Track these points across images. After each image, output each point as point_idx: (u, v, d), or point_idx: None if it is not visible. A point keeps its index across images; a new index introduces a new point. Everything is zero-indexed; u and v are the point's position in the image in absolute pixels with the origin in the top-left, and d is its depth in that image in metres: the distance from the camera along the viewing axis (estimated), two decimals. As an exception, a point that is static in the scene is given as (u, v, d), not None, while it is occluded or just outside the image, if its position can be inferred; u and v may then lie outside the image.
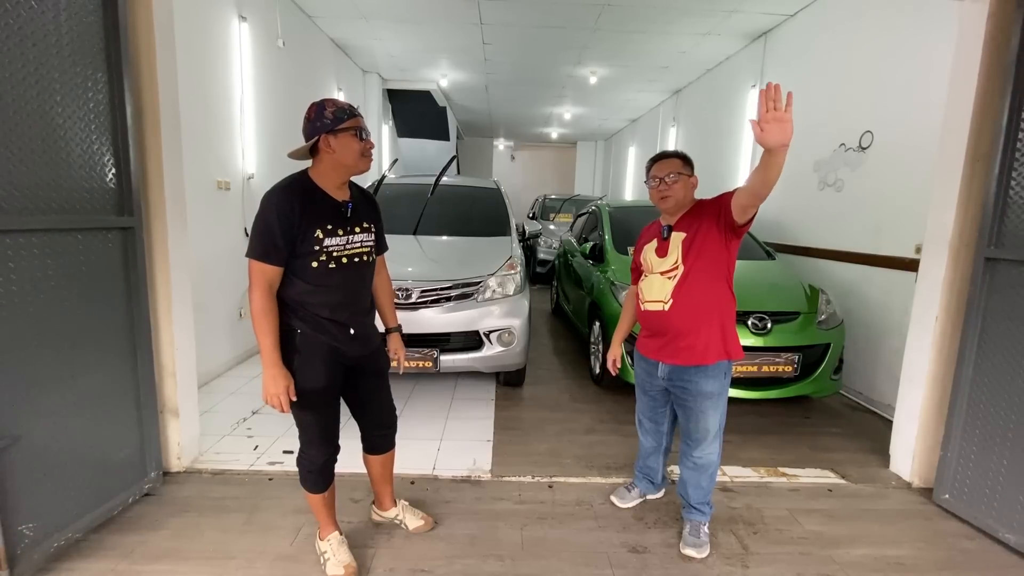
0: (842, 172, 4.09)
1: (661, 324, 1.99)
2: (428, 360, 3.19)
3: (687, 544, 2.05)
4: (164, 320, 2.40)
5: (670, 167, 1.98)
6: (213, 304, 3.80)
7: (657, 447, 2.30)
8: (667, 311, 1.96)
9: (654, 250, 2.04)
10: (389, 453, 2.05)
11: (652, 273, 2.02)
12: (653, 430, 2.27)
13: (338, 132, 1.60)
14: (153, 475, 2.33)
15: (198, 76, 3.55)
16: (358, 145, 1.62)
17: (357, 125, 1.62)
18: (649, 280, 2.03)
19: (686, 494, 2.13)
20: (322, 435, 1.78)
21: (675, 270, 1.96)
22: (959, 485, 2.37)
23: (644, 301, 2.05)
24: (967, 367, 2.34)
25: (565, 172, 15.78)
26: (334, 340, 1.70)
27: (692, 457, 2.08)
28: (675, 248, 1.97)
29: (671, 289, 1.95)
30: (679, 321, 1.95)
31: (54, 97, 1.82)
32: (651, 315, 2.02)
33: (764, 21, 5.13)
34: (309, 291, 1.64)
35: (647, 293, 2.04)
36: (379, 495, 2.14)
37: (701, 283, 1.93)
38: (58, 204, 1.85)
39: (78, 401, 1.96)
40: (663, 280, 1.98)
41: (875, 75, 3.80)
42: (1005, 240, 2.23)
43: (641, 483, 2.39)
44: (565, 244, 5.98)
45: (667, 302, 1.96)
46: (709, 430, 2.02)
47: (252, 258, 1.58)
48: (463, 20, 5.47)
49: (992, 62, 2.33)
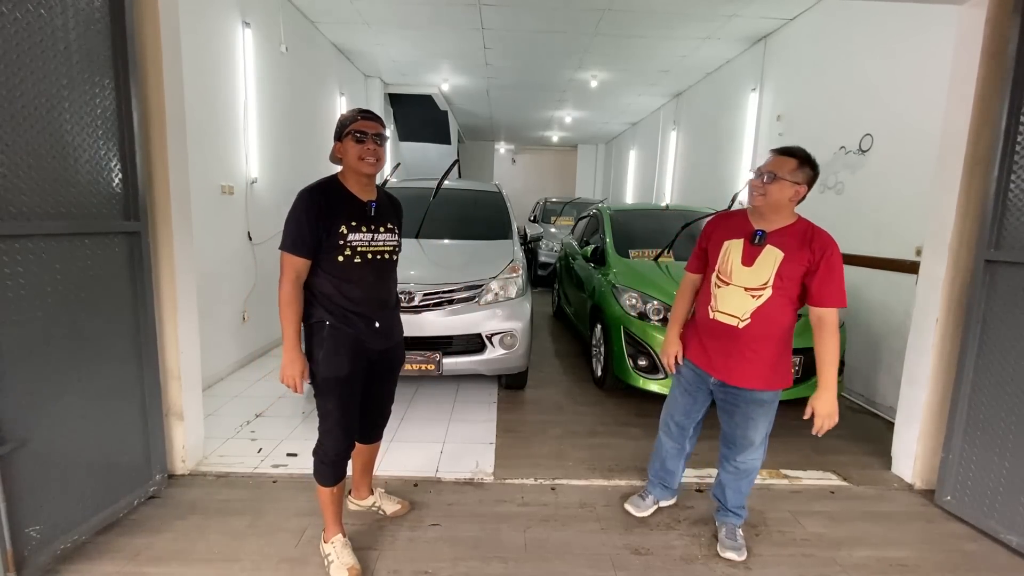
0: (843, 175, 4.11)
1: (729, 339, 1.86)
2: (431, 363, 3.21)
3: (726, 547, 2.03)
4: (169, 324, 2.42)
5: (777, 165, 1.78)
6: (217, 308, 3.82)
7: (680, 451, 2.18)
8: (741, 329, 1.83)
9: (740, 254, 1.85)
10: (378, 443, 2.18)
11: (733, 284, 1.85)
12: (679, 434, 2.14)
13: (343, 138, 1.73)
14: (158, 478, 2.34)
15: (203, 82, 3.58)
16: (355, 149, 1.72)
17: (356, 129, 1.71)
18: (729, 291, 1.86)
19: (723, 497, 2.10)
20: (341, 426, 1.84)
21: (763, 290, 1.80)
22: (961, 487, 2.37)
23: (716, 310, 1.89)
24: (968, 369, 2.35)
25: (566, 175, 15.81)
26: (359, 332, 1.80)
27: (735, 462, 2.00)
28: (769, 266, 1.80)
29: (753, 309, 1.81)
30: (752, 343, 1.83)
31: (62, 103, 1.84)
32: (719, 326, 1.88)
33: (764, 25, 5.16)
34: (336, 284, 1.75)
35: (723, 303, 1.87)
36: (358, 485, 2.24)
37: (782, 308, 1.81)
38: (65, 209, 1.87)
39: (84, 405, 1.98)
40: (746, 296, 1.82)
41: (874, 78, 3.82)
42: (1004, 242, 2.24)
43: (656, 489, 2.28)
44: (566, 247, 5.99)
45: (745, 320, 1.82)
46: (756, 437, 1.95)
47: (283, 250, 1.71)
48: (464, 25, 5.51)
49: (990, 66, 2.35)
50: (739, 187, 5.66)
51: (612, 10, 4.94)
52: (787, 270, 1.78)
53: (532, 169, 16.27)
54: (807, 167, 1.78)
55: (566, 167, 15.77)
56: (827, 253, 1.77)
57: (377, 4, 5.02)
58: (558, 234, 8.52)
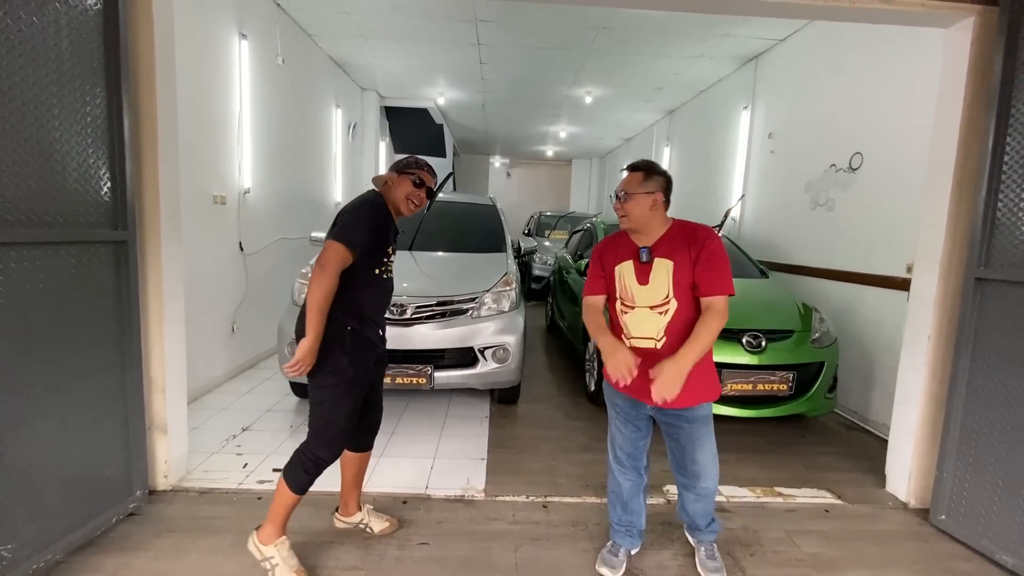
0: (833, 192, 4.15)
1: (652, 362, 1.73)
2: (422, 377, 3.16)
3: (707, 568, 1.99)
4: (155, 335, 2.38)
5: (626, 183, 1.81)
6: (206, 318, 3.77)
7: (638, 485, 2.02)
8: (660, 349, 1.78)
9: (633, 275, 1.83)
10: (369, 451, 2.18)
11: (638, 306, 1.81)
12: (632, 466, 2.00)
13: (402, 173, 1.95)
14: (139, 494, 2.28)
15: (198, 91, 3.58)
16: (409, 189, 1.93)
17: (419, 176, 1.95)
18: (636, 315, 1.82)
19: (690, 519, 2.06)
20: (344, 434, 1.90)
21: (667, 304, 1.77)
22: (955, 506, 2.36)
23: (630, 337, 1.83)
24: (960, 387, 2.35)
25: (560, 189, 15.91)
26: (374, 336, 1.97)
27: (695, 490, 1.95)
28: (663, 278, 1.78)
29: (664, 325, 1.77)
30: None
31: (52, 111, 1.81)
32: (639, 352, 1.79)
33: (755, 45, 5.25)
34: (368, 294, 1.90)
35: (634, 328, 1.83)
36: (347, 500, 2.20)
37: (692, 316, 1.77)
38: (52, 217, 1.84)
39: (64, 417, 1.92)
40: (653, 315, 1.79)
41: (864, 98, 3.89)
42: (994, 260, 2.26)
43: (624, 540, 2.06)
44: (560, 261, 6.00)
45: (660, 339, 1.78)
46: (706, 458, 1.90)
47: (338, 241, 1.77)
48: (461, 41, 5.56)
49: (977, 87, 2.39)
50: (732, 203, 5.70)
51: (607, 28, 5.01)
52: (681, 276, 1.77)
53: (527, 183, 16.37)
54: (654, 175, 1.80)
55: (561, 181, 15.88)
56: (707, 244, 1.76)
57: (374, 18, 5.06)
58: (552, 248, 8.55)
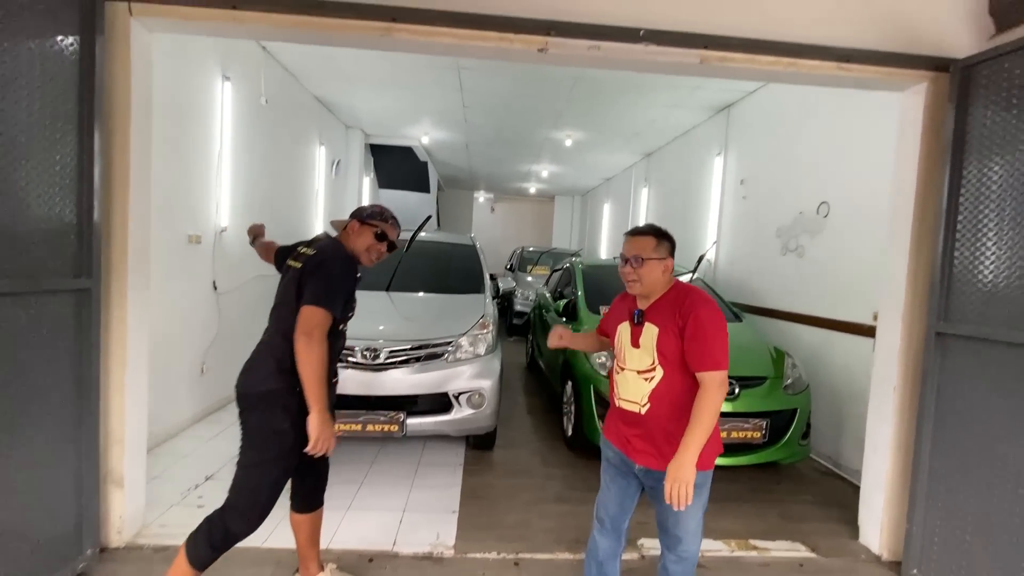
0: (803, 238, 4.27)
1: (637, 425, 1.75)
2: (394, 424, 3.09)
3: None
4: (116, 384, 2.30)
5: (638, 247, 1.74)
6: (175, 358, 3.67)
7: (616, 548, 1.94)
8: (644, 415, 1.73)
9: (628, 336, 1.79)
10: (321, 509, 2.08)
11: (628, 369, 1.78)
12: (613, 528, 1.90)
13: (365, 223, 1.92)
14: (89, 552, 2.16)
15: (178, 134, 3.58)
16: (370, 241, 1.91)
17: (384, 230, 1.92)
18: (625, 377, 1.79)
19: None
20: (273, 501, 1.79)
21: (652, 371, 1.71)
22: (927, 560, 2.35)
23: (620, 398, 1.81)
24: (926, 439, 2.37)
25: (543, 225, 16.15)
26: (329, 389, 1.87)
27: (676, 551, 1.80)
28: (649, 346, 1.72)
29: (648, 392, 1.72)
30: (659, 427, 1.71)
31: (19, 160, 1.80)
32: (626, 413, 1.78)
33: (726, 96, 5.49)
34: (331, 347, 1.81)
35: (622, 390, 1.80)
36: (307, 562, 2.08)
37: (680, 384, 1.68)
38: (10, 266, 1.79)
39: (9, 472, 1.83)
40: (639, 380, 1.74)
41: (830, 149, 4.05)
42: (952, 315, 2.31)
43: None
44: (540, 298, 6.02)
45: (644, 405, 1.72)
46: (690, 525, 1.76)
47: (322, 308, 1.72)
48: (444, 85, 5.71)
49: (931, 147, 2.51)
50: (707, 246, 5.83)
51: (583, 79, 5.20)
52: (665, 344, 1.68)
53: (510, 218, 16.58)
54: (664, 240, 1.77)
55: (543, 217, 16.13)
56: (692, 314, 1.65)
57: (360, 62, 5.18)
58: (534, 283, 8.59)
